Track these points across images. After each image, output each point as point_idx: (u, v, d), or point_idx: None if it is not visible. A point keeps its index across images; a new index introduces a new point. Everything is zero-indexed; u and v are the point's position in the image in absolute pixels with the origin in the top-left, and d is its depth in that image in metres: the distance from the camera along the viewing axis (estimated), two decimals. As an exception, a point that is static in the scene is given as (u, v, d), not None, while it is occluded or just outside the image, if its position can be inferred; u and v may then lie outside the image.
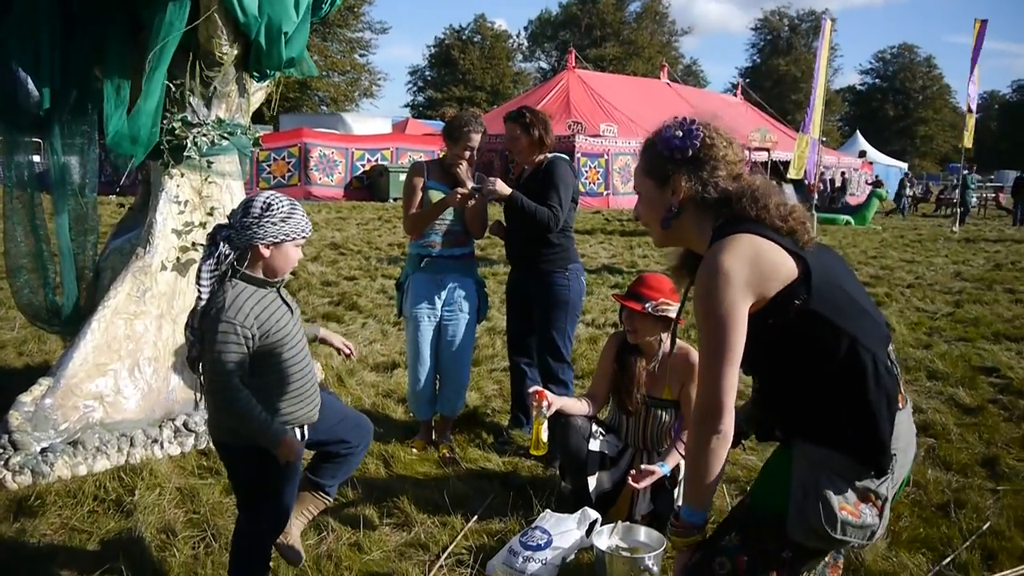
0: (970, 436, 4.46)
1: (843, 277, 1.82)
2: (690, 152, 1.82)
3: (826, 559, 1.98)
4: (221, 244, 2.25)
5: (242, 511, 2.51)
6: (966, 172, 20.47)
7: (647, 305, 3.22)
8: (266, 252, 2.27)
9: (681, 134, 1.83)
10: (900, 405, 1.80)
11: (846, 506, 1.74)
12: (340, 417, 2.70)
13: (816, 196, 15.09)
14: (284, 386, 2.38)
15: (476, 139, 3.92)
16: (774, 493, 1.83)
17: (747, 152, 1.94)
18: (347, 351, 2.93)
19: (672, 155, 1.83)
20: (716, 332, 1.69)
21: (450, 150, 3.96)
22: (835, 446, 1.76)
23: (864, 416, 1.74)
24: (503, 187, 3.88)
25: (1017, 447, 4.32)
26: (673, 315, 3.18)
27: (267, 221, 2.24)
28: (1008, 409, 4.97)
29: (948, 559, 3.08)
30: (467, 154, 3.92)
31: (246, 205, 2.28)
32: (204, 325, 2.26)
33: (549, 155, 4.08)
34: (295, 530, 2.68)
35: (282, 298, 2.40)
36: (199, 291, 2.26)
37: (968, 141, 18.26)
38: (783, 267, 1.71)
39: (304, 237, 2.34)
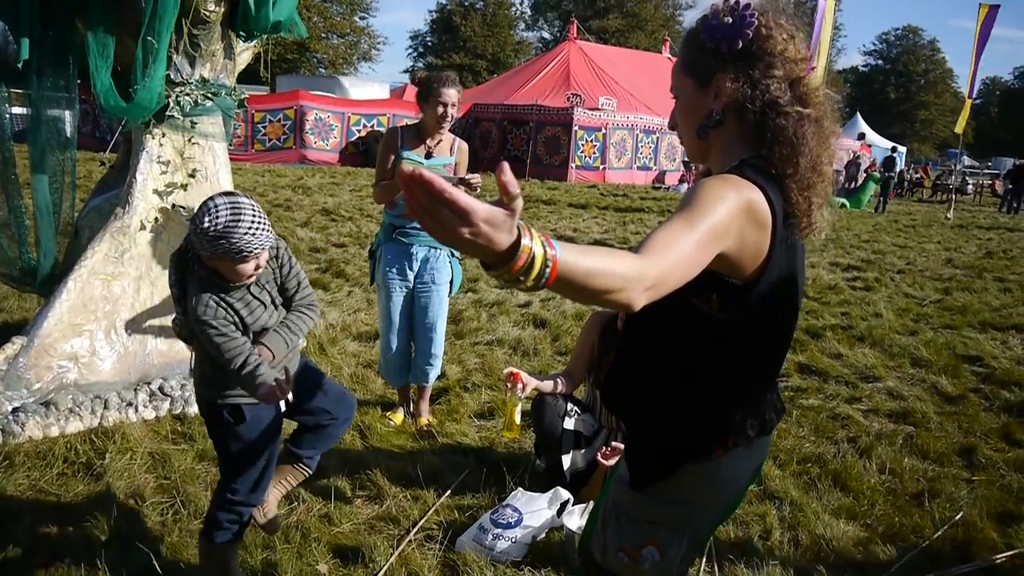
0: (949, 425, 4.46)
1: (780, 301, 1.53)
2: (740, 44, 1.47)
3: None
4: (189, 244, 2.24)
5: (222, 473, 2.48)
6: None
7: None
8: (210, 263, 2.20)
9: (731, 20, 1.48)
10: (731, 447, 1.58)
11: (625, 548, 1.64)
12: (324, 388, 2.66)
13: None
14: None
15: (450, 94, 3.71)
16: (595, 514, 1.78)
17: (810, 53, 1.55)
18: None
19: (719, 47, 1.49)
20: (696, 207, 1.33)
21: (424, 113, 3.79)
22: (633, 459, 1.64)
23: (676, 446, 1.56)
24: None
25: (995, 437, 4.32)
26: None
27: (200, 238, 2.13)
28: (989, 399, 4.97)
29: (919, 548, 3.09)
30: (441, 111, 3.72)
31: (193, 213, 2.19)
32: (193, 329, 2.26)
33: None
34: (272, 499, 2.65)
35: (252, 295, 2.31)
36: (170, 275, 2.28)
37: (959, 127, 18.21)
38: (759, 248, 1.43)
39: (244, 255, 2.15)
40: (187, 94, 4.16)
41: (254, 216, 2.15)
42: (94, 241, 3.99)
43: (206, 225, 2.10)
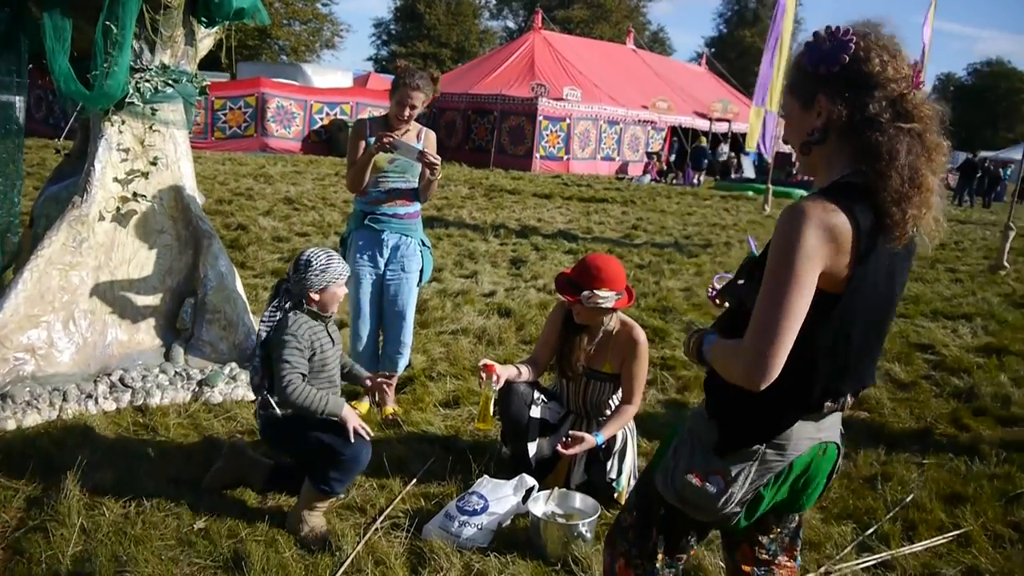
0: (902, 411, 4.60)
1: (870, 310, 1.65)
2: (837, 67, 1.57)
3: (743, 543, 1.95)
4: (282, 296, 2.90)
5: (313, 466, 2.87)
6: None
7: (582, 295, 3.19)
8: (316, 296, 2.88)
9: (829, 45, 1.59)
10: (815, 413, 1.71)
11: (696, 472, 1.74)
12: None
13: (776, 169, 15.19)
14: None
15: (415, 96, 3.74)
16: (662, 451, 1.89)
17: (916, 62, 1.67)
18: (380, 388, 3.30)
19: (817, 70, 1.60)
20: (774, 278, 1.52)
21: (391, 104, 3.83)
22: (718, 414, 1.75)
23: (758, 410, 1.68)
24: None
25: (945, 422, 4.47)
26: (607, 306, 3.18)
27: (312, 274, 2.83)
28: (940, 385, 5.14)
29: (871, 530, 3.19)
30: (399, 110, 3.76)
31: (295, 263, 2.89)
32: (271, 347, 2.84)
33: None
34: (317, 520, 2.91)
35: (328, 332, 2.97)
36: (260, 330, 2.86)
37: None
38: (841, 265, 1.56)
39: (344, 277, 2.91)
40: (147, 80, 4.09)
41: (332, 254, 2.91)
42: (51, 230, 3.92)
43: (314, 264, 2.83)
